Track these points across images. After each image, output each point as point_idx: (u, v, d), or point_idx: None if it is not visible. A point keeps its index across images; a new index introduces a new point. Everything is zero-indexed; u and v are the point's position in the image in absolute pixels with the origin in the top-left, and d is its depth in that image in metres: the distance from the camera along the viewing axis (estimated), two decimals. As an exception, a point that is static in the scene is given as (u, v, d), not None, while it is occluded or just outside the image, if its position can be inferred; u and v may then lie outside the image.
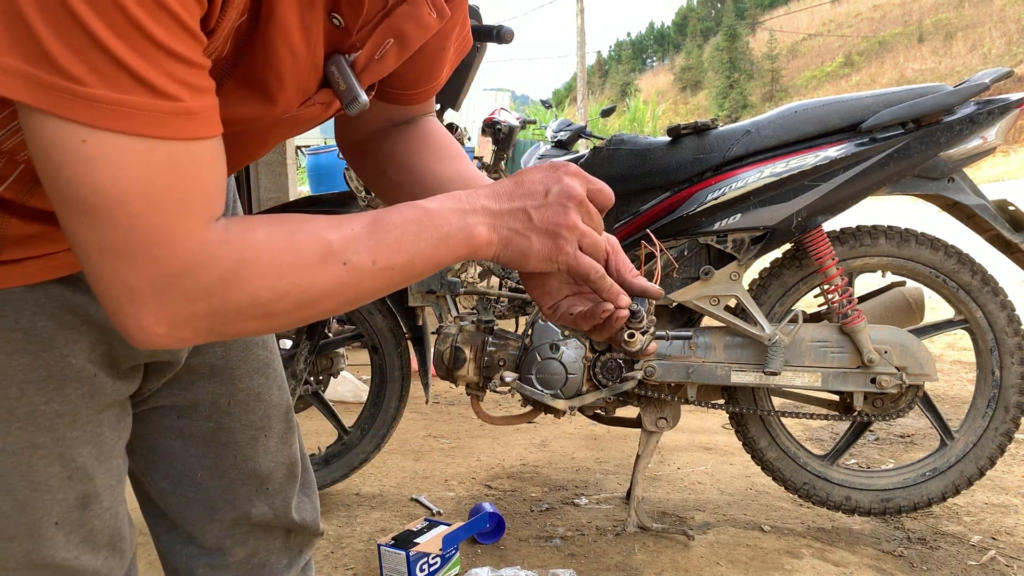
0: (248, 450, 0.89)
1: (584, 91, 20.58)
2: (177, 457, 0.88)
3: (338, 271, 0.58)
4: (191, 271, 0.52)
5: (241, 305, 0.55)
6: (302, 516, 0.96)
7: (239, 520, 0.90)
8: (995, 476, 2.33)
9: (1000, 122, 1.84)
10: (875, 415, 1.98)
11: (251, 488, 0.90)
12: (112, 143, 0.48)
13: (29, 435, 0.68)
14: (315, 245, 0.57)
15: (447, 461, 2.64)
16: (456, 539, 1.83)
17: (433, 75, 0.82)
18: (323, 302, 0.58)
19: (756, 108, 37.06)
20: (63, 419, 0.70)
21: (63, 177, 0.49)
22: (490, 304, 2.09)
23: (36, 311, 0.68)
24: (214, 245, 0.53)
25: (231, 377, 0.87)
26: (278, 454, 0.92)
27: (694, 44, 58.94)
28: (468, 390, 2.06)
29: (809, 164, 1.83)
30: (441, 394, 3.47)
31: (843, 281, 1.92)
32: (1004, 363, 1.95)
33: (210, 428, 0.87)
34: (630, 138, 1.99)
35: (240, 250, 0.54)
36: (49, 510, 0.70)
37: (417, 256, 0.61)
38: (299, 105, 0.66)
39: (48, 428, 0.69)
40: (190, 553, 0.92)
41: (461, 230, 0.62)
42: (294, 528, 0.95)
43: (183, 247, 0.51)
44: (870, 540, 1.99)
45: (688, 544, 1.96)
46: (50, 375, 0.69)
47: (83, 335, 0.71)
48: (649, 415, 2.02)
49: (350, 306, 0.61)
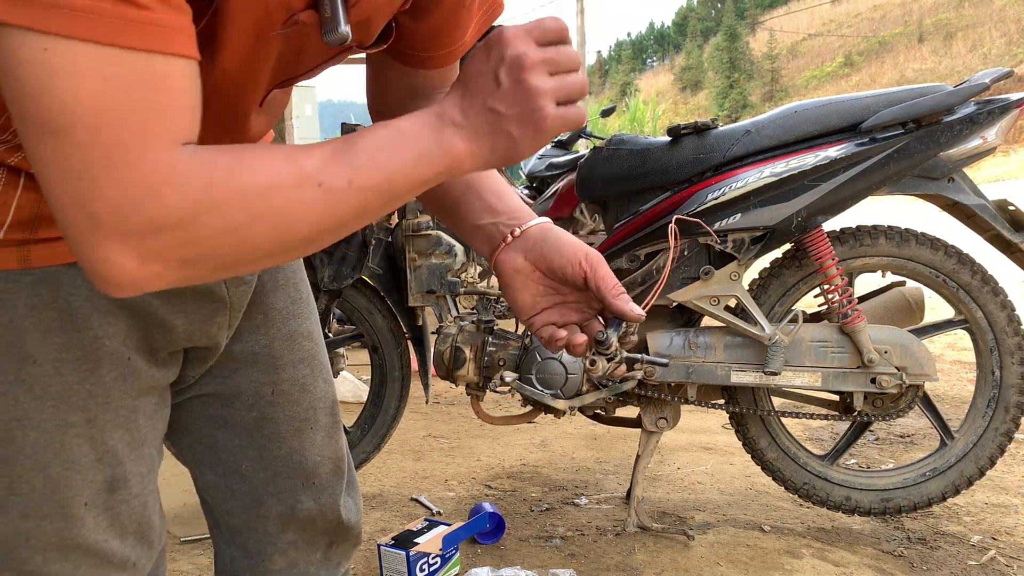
0: (293, 442, 0.87)
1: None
2: (222, 448, 0.86)
3: (314, 193, 0.55)
4: (157, 193, 0.49)
5: (214, 230, 0.51)
6: (348, 516, 0.93)
7: (285, 516, 0.88)
8: (995, 476, 2.33)
9: (1000, 122, 1.84)
10: (875, 415, 1.98)
11: (296, 482, 0.88)
12: (73, 52, 0.45)
13: (62, 413, 0.68)
14: (288, 168, 0.54)
15: (447, 461, 2.64)
16: (456, 539, 1.83)
17: (455, 36, 0.77)
18: (300, 226, 0.55)
19: (756, 108, 37.06)
20: (96, 400, 0.69)
21: (24, 93, 0.46)
22: (490, 304, 2.09)
23: (72, 291, 0.67)
24: (182, 165, 0.50)
25: (274, 366, 0.85)
26: (324, 448, 0.89)
27: (694, 44, 58.95)
28: (468, 390, 2.06)
29: (809, 164, 1.83)
30: (441, 394, 3.47)
31: (843, 281, 1.92)
32: (1004, 363, 1.95)
33: (254, 418, 0.85)
34: (630, 138, 1.99)
35: (209, 172, 0.51)
36: (80, 490, 0.69)
37: (395, 175, 0.58)
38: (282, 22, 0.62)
39: (81, 408, 0.68)
40: (232, 555, 0.91)
41: (438, 144, 0.59)
42: (339, 530, 0.93)
43: (148, 167, 0.48)
44: (870, 540, 1.99)
45: (688, 544, 1.96)
46: (85, 355, 0.68)
47: (119, 319, 0.70)
48: (649, 415, 2.02)
49: (332, 234, 0.58)
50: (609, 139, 2.00)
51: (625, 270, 1.97)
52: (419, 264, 2.07)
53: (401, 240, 2.11)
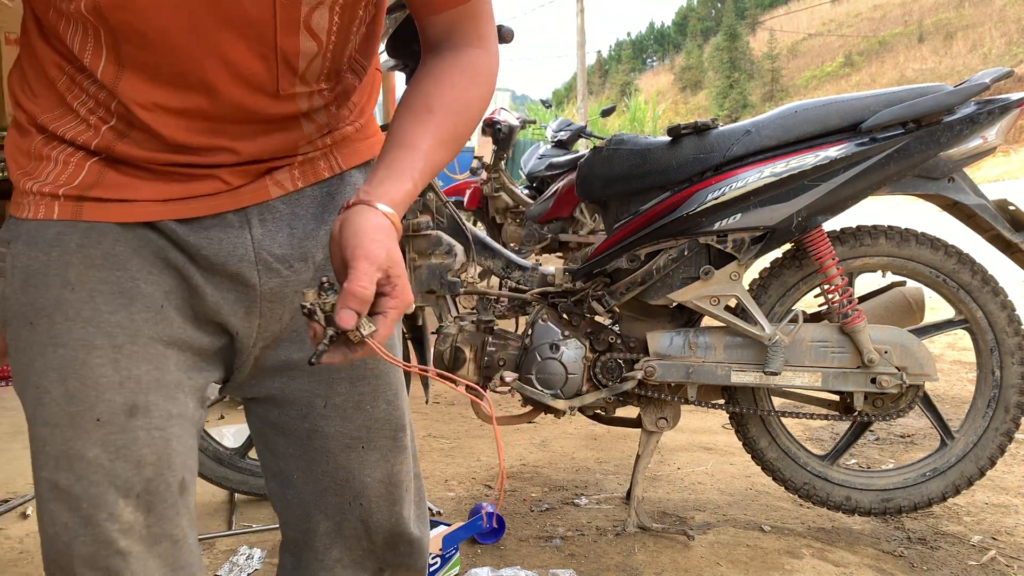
0: (342, 459, 0.86)
1: (584, 91, 20.57)
2: (280, 454, 0.87)
3: None
4: None
5: None
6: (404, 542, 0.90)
7: (331, 533, 0.88)
8: (995, 476, 2.32)
9: (1000, 122, 1.84)
10: (875, 415, 1.98)
11: (344, 499, 0.87)
12: None
13: (89, 335, 0.74)
14: None
15: (447, 461, 2.64)
16: (456, 539, 1.83)
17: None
18: None
19: (756, 108, 37.06)
20: (124, 331, 0.74)
21: None
22: (490, 304, 2.09)
23: (118, 240, 0.76)
24: None
25: (328, 379, 0.85)
26: (376, 470, 0.87)
27: (694, 44, 58.94)
28: (468, 390, 2.06)
29: (809, 164, 1.83)
30: (441, 394, 3.47)
31: (843, 281, 1.92)
32: (1004, 363, 1.95)
33: (306, 429, 0.85)
34: (630, 138, 1.98)
35: None
36: (93, 406, 0.73)
37: None
38: None
39: (108, 333, 0.74)
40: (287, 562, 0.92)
41: None
42: (390, 556, 0.91)
43: None
44: (870, 540, 1.99)
45: (688, 544, 1.96)
46: (120, 291, 0.75)
47: (159, 273, 0.77)
48: (649, 415, 2.02)
49: None
50: (609, 139, 2.00)
51: (625, 270, 1.97)
52: (419, 264, 2.06)
53: (401, 240, 2.10)
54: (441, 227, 2.03)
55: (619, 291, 1.97)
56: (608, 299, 1.98)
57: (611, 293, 1.98)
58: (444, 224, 2.04)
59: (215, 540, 2.02)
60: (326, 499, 0.87)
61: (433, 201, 2.03)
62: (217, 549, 1.98)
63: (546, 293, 2.05)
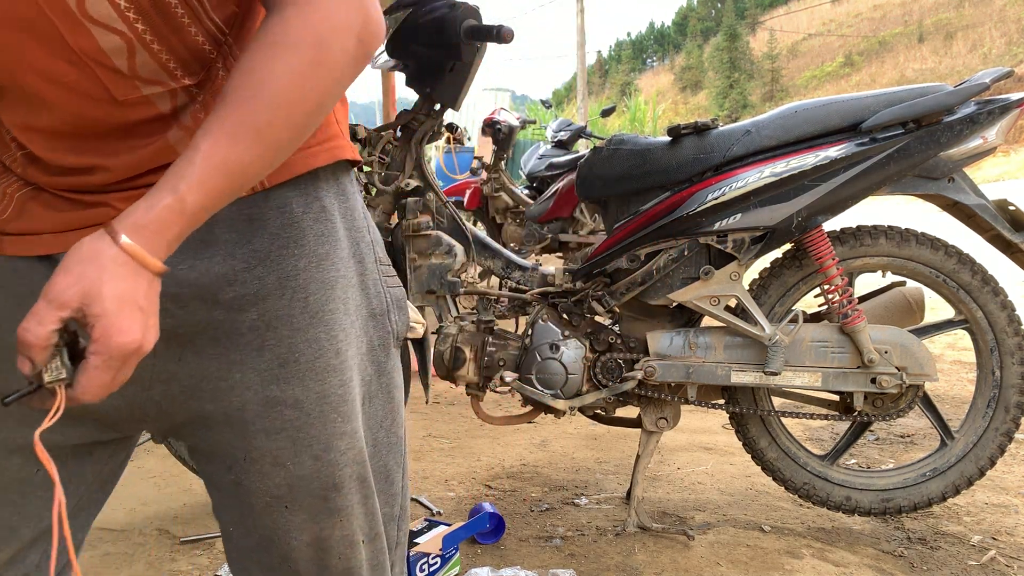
0: (264, 518, 0.78)
1: (584, 91, 20.57)
2: (218, 505, 0.81)
3: None
4: None
5: None
6: None
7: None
8: (995, 476, 2.32)
9: (1000, 122, 1.84)
10: (875, 415, 1.98)
11: (273, 559, 0.80)
12: None
13: None
14: None
15: (447, 461, 2.64)
16: (456, 539, 1.83)
17: None
18: None
19: (756, 108, 37.05)
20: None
21: None
22: (490, 304, 2.08)
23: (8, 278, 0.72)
24: None
25: (244, 432, 0.76)
26: (303, 533, 0.79)
27: (694, 44, 58.92)
28: (468, 390, 2.06)
29: (809, 164, 1.83)
30: (441, 394, 3.47)
31: (843, 281, 1.92)
32: (1004, 363, 1.95)
33: (231, 481, 0.78)
34: (630, 138, 1.98)
35: None
36: None
37: None
38: None
39: None
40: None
41: None
42: None
43: None
44: (870, 540, 1.99)
45: (688, 544, 1.96)
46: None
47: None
48: (649, 415, 2.02)
49: None
50: (609, 139, 2.00)
51: (625, 270, 1.97)
52: (419, 264, 2.06)
53: (401, 240, 2.10)
54: (441, 227, 2.03)
55: (619, 291, 1.97)
56: (608, 299, 1.98)
57: (611, 293, 1.98)
58: (444, 224, 2.03)
59: (215, 540, 2.02)
60: (259, 555, 0.80)
61: (433, 201, 2.03)
62: (217, 549, 1.98)
63: (546, 293, 2.05)
